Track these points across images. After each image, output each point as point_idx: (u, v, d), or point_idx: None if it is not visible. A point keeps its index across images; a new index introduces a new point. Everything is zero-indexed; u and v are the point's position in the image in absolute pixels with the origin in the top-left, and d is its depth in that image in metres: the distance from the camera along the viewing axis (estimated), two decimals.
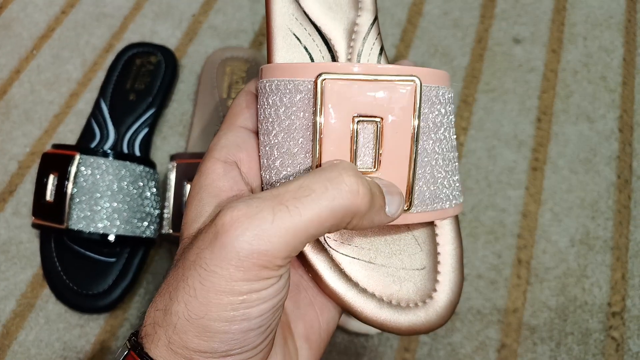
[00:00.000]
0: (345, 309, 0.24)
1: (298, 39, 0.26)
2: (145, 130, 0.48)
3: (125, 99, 0.50)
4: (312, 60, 0.26)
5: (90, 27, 0.56)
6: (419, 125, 0.23)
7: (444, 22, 0.55)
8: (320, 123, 0.22)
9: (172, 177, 0.43)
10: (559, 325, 0.41)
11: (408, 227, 0.26)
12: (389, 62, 0.28)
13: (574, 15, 0.55)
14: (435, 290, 0.25)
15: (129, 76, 0.51)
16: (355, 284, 0.24)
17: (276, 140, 0.24)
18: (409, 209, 0.24)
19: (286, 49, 0.26)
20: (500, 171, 0.47)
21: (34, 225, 0.43)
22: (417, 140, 0.23)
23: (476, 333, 0.41)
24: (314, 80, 0.22)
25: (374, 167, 0.23)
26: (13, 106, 0.52)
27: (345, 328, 0.40)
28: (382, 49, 0.28)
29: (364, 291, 0.24)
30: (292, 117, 0.23)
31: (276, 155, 0.24)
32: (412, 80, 0.22)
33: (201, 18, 0.56)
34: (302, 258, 0.24)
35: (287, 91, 0.23)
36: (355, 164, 0.23)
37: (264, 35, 0.55)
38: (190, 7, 0.57)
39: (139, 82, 0.51)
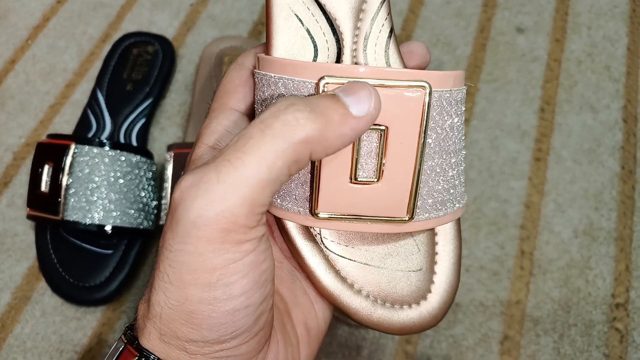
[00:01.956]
0: (340, 310, 0.24)
1: (300, 20, 0.24)
2: (142, 121, 0.48)
3: (122, 89, 0.49)
4: (315, 45, 0.24)
5: (86, 16, 0.56)
6: (426, 135, 0.22)
7: (446, 11, 0.54)
8: None
9: (170, 167, 0.42)
10: (562, 317, 0.41)
11: None
12: (398, 44, 0.26)
13: (578, 5, 0.54)
14: (430, 291, 0.24)
15: (125, 66, 0.50)
16: (350, 285, 0.24)
17: None
18: (410, 219, 0.23)
19: (287, 33, 0.24)
20: (503, 162, 0.47)
21: (29, 217, 0.42)
22: (422, 152, 0.22)
23: (479, 325, 0.41)
24: (315, 82, 0.21)
25: (376, 178, 0.22)
26: (8, 97, 0.52)
27: (346, 321, 0.39)
28: (391, 31, 0.25)
29: (358, 292, 0.24)
30: None
31: None
32: (421, 87, 0.21)
33: (199, 7, 0.56)
34: (298, 257, 0.24)
35: (286, 90, 0.22)
36: (356, 174, 0.22)
37: (263, 25, 0.55)
38: None
39: (136, 72, 0.50)
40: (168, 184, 0.42)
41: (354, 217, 0.23)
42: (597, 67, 0.51)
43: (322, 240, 0.24)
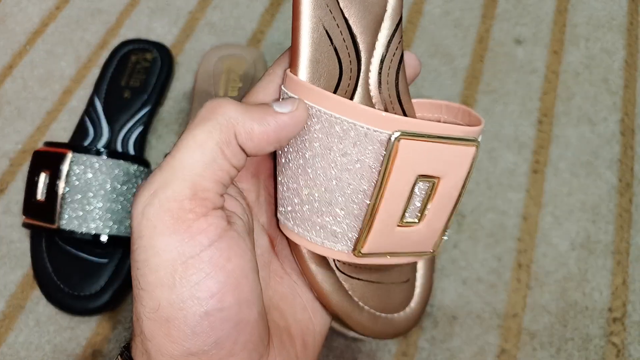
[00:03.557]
0: (347, 326, 0.25)
1: (329, 36, 0.23)
2: (140, 129, 0.47)
3: (119, 96, 0.49)
4: (340, 65, 0.23)
5: (84, 23, 0.55)
6: (466, 183, 0.24)
7: (444, 22, 0.54)
8: (386, 179, 0.22)
9: None
10: (559, 331, 0.41)
11: None
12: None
13: (576, 17, 0.54)
14: (412, 298, 0.28)
15: (123, 73, 0.50)
16: (357, 303, 0.25)
17: (316, 171, 0.23)
18: (433, 253, 0.26)
19: (314, 47, 0.23)
20: (500, 173, 0.47)
21: (25, 225, 0.42)
22: (460, 197, 0.24)
23: (475, 338, 0.40)
24: (388, 134, 0.21)
25: (417, 220, 0.24)
26: (5, 102, 0.51)
27: (343, 333, 0.39)
28: (401, 58, 0.25)
29: (362, 308, 0.25)
30: (348, 159, 0.22)
31: (314, 183, 0.23)
32: (475, 144, 0.23)
33: (198, 15, 0.56)
34: (310, 279, 0.25)
35: (345, 133, 0.22)
36: (403, 217, 0.23)
37: (262, 33, 0.55)
38: (187, 4, 0.56)
39: (134, 79, 0.50)
40: None
41: (388, 253, 0.24)
42: (594, 80, 0.51)
43: (335, 263, 0.25)
